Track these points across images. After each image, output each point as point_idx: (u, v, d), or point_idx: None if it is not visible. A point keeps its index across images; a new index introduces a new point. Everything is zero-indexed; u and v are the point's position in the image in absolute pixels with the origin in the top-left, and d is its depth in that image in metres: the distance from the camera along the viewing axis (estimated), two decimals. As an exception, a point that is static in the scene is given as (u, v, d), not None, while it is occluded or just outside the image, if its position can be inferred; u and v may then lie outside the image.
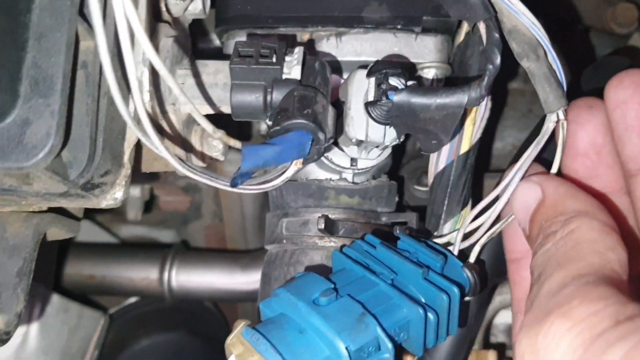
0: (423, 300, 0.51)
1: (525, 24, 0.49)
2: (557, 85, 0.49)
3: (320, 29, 0.64)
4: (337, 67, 0.64)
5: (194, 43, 0.78)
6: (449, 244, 0.59)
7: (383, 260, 0.54)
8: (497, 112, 1.03)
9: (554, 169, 0.50)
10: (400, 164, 0.89)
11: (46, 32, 0.40)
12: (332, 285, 0.49)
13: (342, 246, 0.57)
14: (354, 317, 0.47)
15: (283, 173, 0.51)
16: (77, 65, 0.43)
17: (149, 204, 1.05)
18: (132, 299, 1.05)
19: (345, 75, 0.65)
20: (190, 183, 1.03)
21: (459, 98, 0.48)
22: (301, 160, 0.51)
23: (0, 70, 0.38)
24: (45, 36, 0.40)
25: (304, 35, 0.64)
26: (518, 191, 0.49)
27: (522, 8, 0.49)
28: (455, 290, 0.50)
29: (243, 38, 0.64)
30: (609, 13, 1.13)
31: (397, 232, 0.58)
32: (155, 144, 0.43)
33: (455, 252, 0.55)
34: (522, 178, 0.50)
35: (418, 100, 0.49)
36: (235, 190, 0.48)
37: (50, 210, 0.52)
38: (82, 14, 0.42)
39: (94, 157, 0.44)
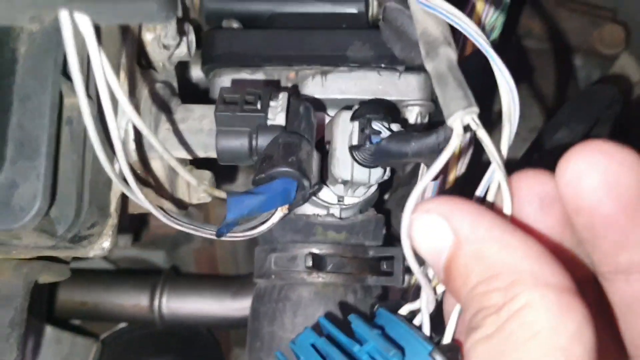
0: None
1: (438, 17, 0.41)
2: (458, 85, 0.37)
3: (306, 68, 0.64)
4: (322, 104, 0.65)
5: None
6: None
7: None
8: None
9: (506, 211, 0.37)
10: (388, 190, 0.90)
11: (30, 94, 0.40)
12: None
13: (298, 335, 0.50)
14: None
15: (268, 219, 0.52)
16: (62, 122, 0.43)
17: (139, 230, 1.06)
18: (123, 324, 1.05)
19: (330, 112, 0.66)
20: (181, 207, 1.04)
21: (430, 144, 0.48)
22: (287, 206, 0.52)
23: (-15, 135, 0.39)
24: (29, 98, 0.40)
25: (289, 74, 0.65)
26: (416, 225, 0.35)
27: (439, 2, 0.41)
28: None
29: (230, 76, 0.65)
30: (595, 34, 1.15)
31: (350, 315, 0.46)
32: (140, 199, 0.44)
33: (426, 330, 0.41)
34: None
35: (395, 148, 0.50)
36: (222, 239, 0.49)
37: (40, 257, 0.53)
38: (65, 73, 0.42)
39: (80, 212, 0.45)
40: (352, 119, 0.55)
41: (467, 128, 0.37)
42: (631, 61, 1.18)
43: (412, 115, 0.65)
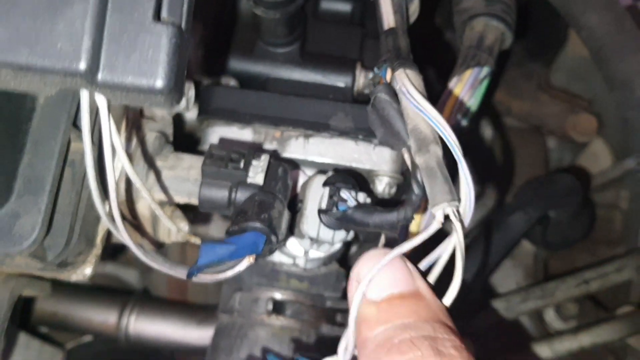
0: None
1: (427, 120, 0.48)
2: (444, 180, 0.45)
3: (291, 130, 0.71)
4: (300, 164, 0.72)
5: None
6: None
7: None
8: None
9: (455, 285, 0.44)
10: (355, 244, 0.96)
11: (42, 138, 0.46)
12: None
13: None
14: None
15: (235, 266, 0.58)
16: (66, 163, 0.50)
17: (117, 248, 1.11)
18: (89, 336, 1.09)
19: (307, 171, 0.72)
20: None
21: (390, 221, 0.54)
22: (254, 256, 0.58)
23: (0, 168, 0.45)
24: (41, 142, 0.46)
25: (275, 133, 0.72)
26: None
27: (426, 106, 0.48)
28: None
29: (221, 127, 0.71)
30: (570, 121, 1.22)
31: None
32: (124, 238, 0.50)
33: None
34: None
35: (359, 218, 0.56)
36: (191, 280, 0.55)
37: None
38: (75, 124, 0.48)
39: (70, 242, 0.51)
40: (324, 184, 0.62)
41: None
42: (603, 148, 1.25)
43: (381, 185, 0.72)
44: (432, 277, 0.45)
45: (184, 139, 0.75)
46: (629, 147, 1.14)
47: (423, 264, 0.46)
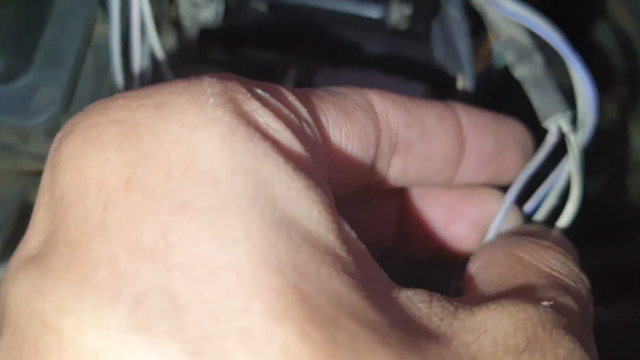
0: None
1: (524, 27, 0.44)
2: (554, 89, 0.42)
3: (319, 59, 0.69)
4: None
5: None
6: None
7: None
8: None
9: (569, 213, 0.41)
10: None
11: (68, 13, 0.45)
12: None
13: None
14: None
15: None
16: (90, 47, 0.48)
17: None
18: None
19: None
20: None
21: None
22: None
23: (20, 37, 0.43)
24: (66, 17, 0.45)
25: (303, 61, 0.69)
26: None
27: (522, 11, 0.44)
28: None
29: (247, 50, 0.69)
30: (606, 94, 1.19)
31: None
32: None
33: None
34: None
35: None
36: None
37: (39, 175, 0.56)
38: (102, 3, 0.47)
39: (88, 130, 0.48)
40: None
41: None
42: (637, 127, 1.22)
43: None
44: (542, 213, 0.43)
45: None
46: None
47: (529, 206, 0.43)
